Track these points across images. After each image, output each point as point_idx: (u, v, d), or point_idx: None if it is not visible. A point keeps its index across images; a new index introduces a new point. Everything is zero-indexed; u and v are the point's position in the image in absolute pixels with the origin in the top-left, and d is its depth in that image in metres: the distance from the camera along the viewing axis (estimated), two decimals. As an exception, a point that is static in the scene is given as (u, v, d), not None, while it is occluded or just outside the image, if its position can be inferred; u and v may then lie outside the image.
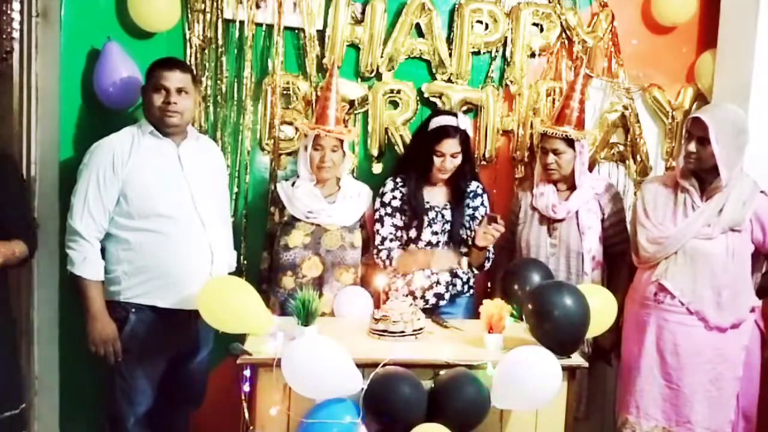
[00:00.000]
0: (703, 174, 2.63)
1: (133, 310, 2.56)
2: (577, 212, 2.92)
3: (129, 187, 2.53)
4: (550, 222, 2.95)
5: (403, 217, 2.88)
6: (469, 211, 2.91)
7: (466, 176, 2.91)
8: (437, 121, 2.87)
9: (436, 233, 2.88)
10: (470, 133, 2.91)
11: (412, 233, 2.87)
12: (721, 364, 2.62)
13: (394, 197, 2.90)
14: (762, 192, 2.64)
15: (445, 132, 2.82)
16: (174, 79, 2.58)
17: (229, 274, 2.74)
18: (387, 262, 2.85)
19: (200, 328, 2.60)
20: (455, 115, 2.90)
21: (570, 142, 2.88)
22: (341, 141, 2.83)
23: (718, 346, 2.62)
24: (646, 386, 2.68)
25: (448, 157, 2.82)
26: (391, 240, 2.88)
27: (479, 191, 2.94)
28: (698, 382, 2.62)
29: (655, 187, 2.77)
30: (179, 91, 2.58)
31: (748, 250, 2.63)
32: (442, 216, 2.89)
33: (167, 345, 2.63)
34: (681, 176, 2.69)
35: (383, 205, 2.90)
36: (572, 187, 2.95)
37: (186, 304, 2.52)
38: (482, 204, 2.93)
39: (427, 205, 2.90)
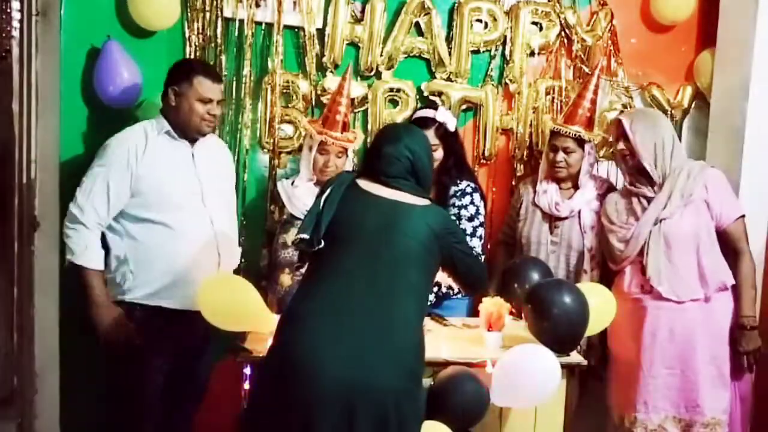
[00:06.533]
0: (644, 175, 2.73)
1: (138, 308, 2.56)
2: (579, 211, 2.92)
3: (141, 184, 2.54)
4: (552, 219, 2.96)
5: None
6: (455, 210, 2.86)
7: (450, 173, 2.86)
8: (415, 114, 2.90)
9: None
10: (452, 127, 2.86)
11: None
12: (714, 341, 2.66)
13: None
14: (712, 167, 2.74)
15: (421, 123, 2.77)
16: (219, 91, 2.63)
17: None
18: None
19: (205, 327, 2.60)
20: (435, 108, 2.90)
21: (580, 142, 2.88)
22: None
23: (707, 323, 2.66)
24: (649, 379, 2.68)
25: None
26: None
27: (468, 190, 2.87)
28: (699, 363, 2.65)
29: (614, 197, 2.85)
30: (219, 101, 2.65)
31: (712, 227, 2.69)
32: None
33: (173, 343, 2.62)
34: (629, 182, 2.79)
35: None
36: (575, 186, 2.96)
37: (192, 305, 2.50)
38: (472, 202, 2.86)
39: None
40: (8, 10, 2.68)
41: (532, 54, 3.26)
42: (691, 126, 3.38)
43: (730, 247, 2.71)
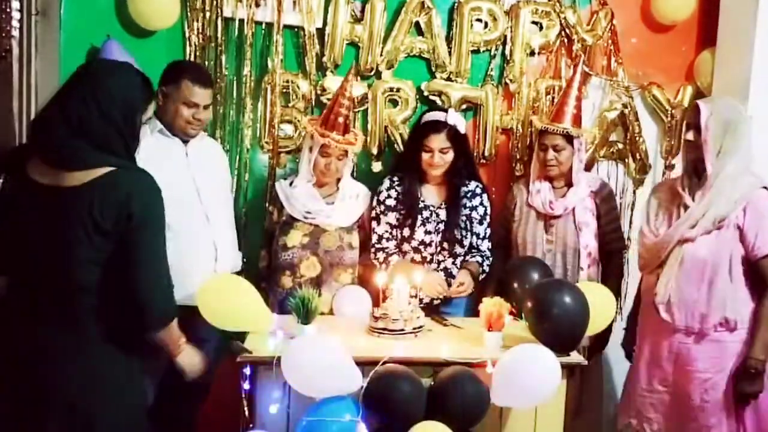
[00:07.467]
0: (701, 168, 2.49)
1: None
2: (573, 209, 2.93)
3: None
4: (546, 219, 2.96)
5: (398, 216, 2.88)
6: (466, 211, 2.90)
7: (461, 175, 2.90)
8: (426, 117, 2.89)
9: (429, 233, 2.87)
10: (462, 129, 2.88)
11: (405, 232, 2.87)
12: (717, 374, 2.48)
13: (389, 196, 2.90)
14: (765, 188, 2.45)
15: (432, 127, 2.82)
16: (206, 96, 2.64)
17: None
18: (383, 266, 2.83)
19: (202, 323, 2.60)
20: (446, 111, 2.91)
21: (569, 139, 2.89)
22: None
23: (713, 355, 2.48)
24: (645, 392, 2.61)
25: (436, 152, 2.81)
26: (387, 239, 2.88)
27: (478, 191, 2.94)
28: (694, 389, 2.50)
29: (663, 191, 2.66)
30: (206, 106, 2.66)
31: (739, 257, 2.45)
32: (437, 215, 2.89)
33: None
34: (681, 176, 2.60)
35: (379, 203, 2.90)
36: (568, 184, 2.97)
37: (189, 300, 2.51)
38: (481, 204, 2.93)
39: (422, 204, 2.89)
40: (8, 10, 2.68)
41: (532, 54, 3.26)
42: (692, 126, 3.38)
43: (758, 280, 2.45)
